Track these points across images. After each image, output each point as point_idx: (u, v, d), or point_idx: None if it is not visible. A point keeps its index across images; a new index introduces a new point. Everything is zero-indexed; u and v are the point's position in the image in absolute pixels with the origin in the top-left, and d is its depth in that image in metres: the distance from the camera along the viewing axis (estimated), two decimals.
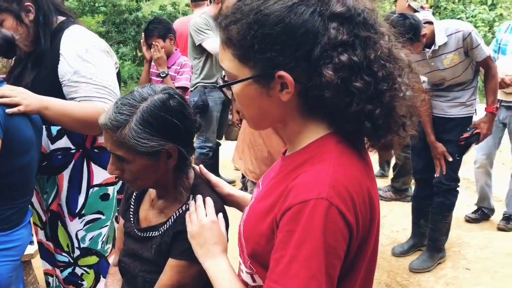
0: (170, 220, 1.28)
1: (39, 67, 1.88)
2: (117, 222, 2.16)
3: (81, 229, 2.03)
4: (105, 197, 2.06)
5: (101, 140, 2.02)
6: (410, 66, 0.90)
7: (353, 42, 0.82)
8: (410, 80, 0.90)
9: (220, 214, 1.21)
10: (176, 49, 3.64)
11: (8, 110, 1.59)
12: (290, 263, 0.79)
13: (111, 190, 2.07)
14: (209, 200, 1.22)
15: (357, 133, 0.87)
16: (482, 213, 3.97)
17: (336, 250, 0.79)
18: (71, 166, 1.98)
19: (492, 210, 4.01)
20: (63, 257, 2.08)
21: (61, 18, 1.98)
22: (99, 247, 2.08)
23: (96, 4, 12.60)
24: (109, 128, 1.18)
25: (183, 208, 1.27)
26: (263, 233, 0.88)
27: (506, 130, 3.76)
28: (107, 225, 2.08)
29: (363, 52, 0.82)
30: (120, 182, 2.13)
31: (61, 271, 2.10)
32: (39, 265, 2.41)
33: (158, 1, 22.49)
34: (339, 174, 0.82)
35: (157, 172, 1.24)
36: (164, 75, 3.48)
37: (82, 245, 2.05)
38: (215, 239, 1.13)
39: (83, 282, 2.11)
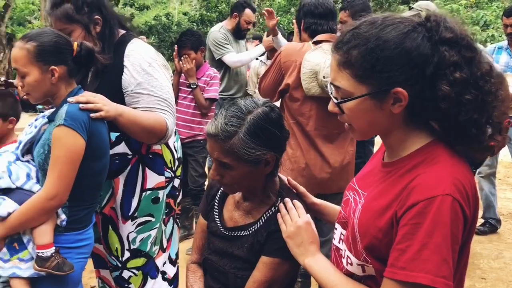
0: (260, 220, 1.37)
1: (102, 77, 1.97)
2: (165, 225, 2.24)
3: (133, 231, 2.11)
4: (156, 200, 2.14)
5: (155, 147, 2.11)
6: (502, 81, 1.05)
7: (461, 62, 0.97)
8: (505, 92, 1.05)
9: (308, 215, 1.31)
10: (205, 61, 3.74)
11: (92, 115, 1.69)
12: (420, 250, 0.92)
13: (161, 194, 2.16)
14: (297, 202, 1.32)
15: (462, 139, 1.01)
16: (490, 226, 4.12)
17: (457, 238, 0.94)
18: (127, 170, 2.06)
19: (498, 221, 4.16)
20: (111, 260, 2.15)
21: (122, 32, 2.08)
22: (148, 248, 2.15)
23: None
24: (220, 138, 1.27)
25: (272, 209, 1.36)
26: (381, 228, 1.01)
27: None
28: (156, 227, 2.16)
29: (470, 70, 0.97)
30: (169, 186, 2.21)
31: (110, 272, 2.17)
32: None
33: (152, 11, 22.60)
34: (456, 173, 0.97)
35: (254, 177, 1.34)
36: (195, 86, 3.58)
37: (132, 247, 2.12)
38: (311, 238, 1.24)
39: (130, 286, 2.17)
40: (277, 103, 2.45)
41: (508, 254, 3.65)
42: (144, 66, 1.97)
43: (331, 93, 1.07)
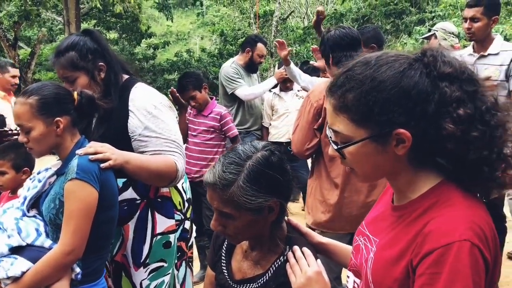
0: (269, 272, 1.31)
1: (107, 123, 1.98)
2: (177, 270, 2.20)
3: (146, 278, 2.07)
4: (167, 245, 2.11)
5: (163, 190, 2.09)
6: (509, 111, 0.98)
7: (463, 97, 0.92)
8: None
9: (319, 260, 1.25)
10: (212, 98, 3.76)
11: (102, 165, 1.71)
12: None
13: (172, 238, 2.12)
14: (307, 250, 1.26)
15: (474, 178, 0.95)
16: None
17: (480, 286, 0.87)
18: (136, 216, 2.04)
19: None
20: None
21: (125, 76, 2.10)
22: None
23: None
24: (218, 187, 1.22)
25: (281, 259, 1.30)
26: (396, 278, 0.95)
27: None
28: (169, 273, 2.12)
29: (474, 105, 0.92)
30: (180, 229, 2.18)
31: None
32: None
33: (172, 48, 23.19)
34: (472, 215, 0.91)
35: (258, 226, 1.28)
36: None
37: None
38: None
39: None
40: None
41: None
42: (150, 109, 1.98)
43: (330, 137, 1.03)
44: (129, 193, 2.03)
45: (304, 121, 2.47)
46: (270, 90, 4.48)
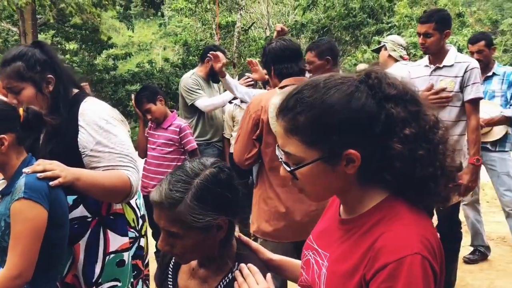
0: None
1: (56, 139, 1.91)
2: None
3: None
4: (121, 263, 2.04)
5: (116, 206, 2.03)
6: (447, 128, 1.02)
7: (408, 117, 0.95)
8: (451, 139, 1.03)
9: (269, 275, 1.22)
10: (172, 111, 3.72)
11: (51, 183, 1.64)
12: None
13: (126, 256, 2.06)
14: (253, 267, 1.23)
15: (420, 193, 0.98)
16: (480, 253, 4.03)
17: None
18: (87, 234, 1.97)
19: (488, 248, 4.08)
20: None
21: (75, 91, 2.04)
22: None
23: (72, 64, 12.78)
24: (164, 206, 1.19)
25: (229, 276, 1.27)
26: None
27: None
28: None
29: (418, 124, 0.95)
30: (134, 246, 2.12)
31: None
32: None
33: (134, 59, 22.90)
34: (420, 229, 0.94)
35: (207, 245, 1.25)
36: None
37: None
38: None
39: None
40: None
41: (500, 283, 3.54)
42: (101, 124, 1.92)
43: (281, 159, 1.03)
44: (80, 211, 1.95)
45: (243, 131, 2.52)
46: (231, 101, 4.46)
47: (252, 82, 4.05)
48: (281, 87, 2.48)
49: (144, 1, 16.44)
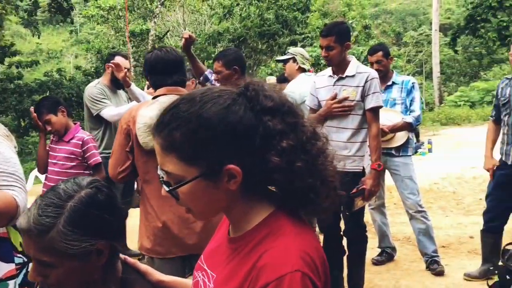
0: None
1: None
2: None
3: None
4: None
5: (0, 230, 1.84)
6: (327, 138, 1.02)
7: (286, 129, 0.93)
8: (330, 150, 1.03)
9: None
10: (75, 123, 3.50)
11: None
12: None
13: (12, 285, 1.86)
14: None
15: (302, 204, 0.97)
16: (387, 254, 4.21)
17: None
18: None
19: (394, 249, 4.28)
20: None
21: None
22: None
23: None
24: (33, 233, 1.07)
25: None
26: None
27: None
28: None
29: (295, 136, 0.93)
30: (22, 273, 1.93)
31: None
32: None
33: (43, 67, 21.62)
34: (302, 244, 0.92)
35: (86, 272, 1.14)
36: None
37: None
38: None
39: None
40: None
41: (405, 282, 3.72)
42: None
43: (162, 178, 0.98)
44: None
45: (116, 143, 2.43)
46: None
47: None
48: (154, 97, 2.43)
49: (51, 7, 15.50)
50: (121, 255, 1.28)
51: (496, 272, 3.37)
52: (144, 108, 2.32)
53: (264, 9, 17.83)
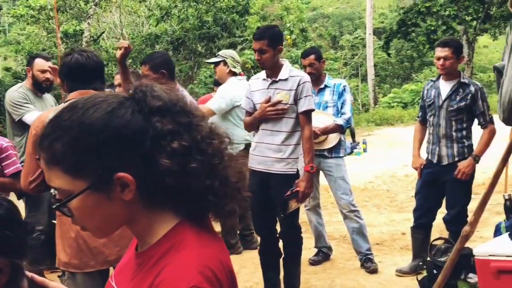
0: None
1: None
2: None
3: None
4: None
5: None
6: (229, 138, 0.98)
7: (177, 129, 0.88)
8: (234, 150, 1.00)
9: None
10: None
11: None
12: None
13: None
14: None
15: (203, 209, 0.93)
16: (323, 254, 4.28)
17: None
18: None
19: (330, 248, 4.36)
20: None
21: None
22: None
23: None
24: None
25: None
26: None
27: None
28: None
29: (190, 136, 0.89)
30: None
31: None
32: None
33: None
34: (202, 257, 0.86)
35: None
36: None
37: None
38: None
39: None
40: None
41: (340, 281, 3.79)
42: None
43: (55, 195, 0.92)
44: None
45: (27, 151, 2.32)
46: None
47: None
48: (66, 101, 2.32)
49: None
50: (28, 273, 1.18)
51: (425, 267, 3.52)
52: (53, 113, 2.18)
53: (202, 12, 17.73)
